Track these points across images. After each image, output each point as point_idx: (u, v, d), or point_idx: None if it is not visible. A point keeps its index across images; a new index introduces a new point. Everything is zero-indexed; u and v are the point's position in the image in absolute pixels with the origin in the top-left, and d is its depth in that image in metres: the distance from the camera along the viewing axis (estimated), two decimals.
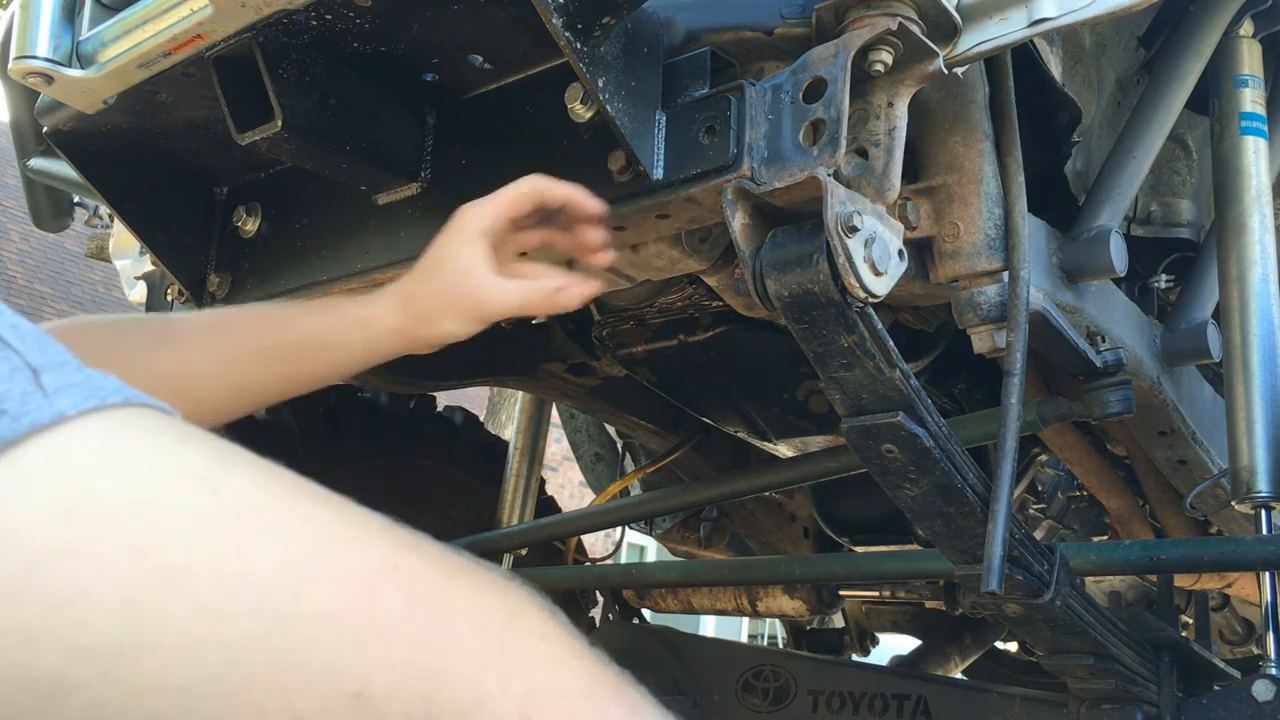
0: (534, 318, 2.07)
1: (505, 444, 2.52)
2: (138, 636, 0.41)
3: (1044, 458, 2.10)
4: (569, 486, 10.48)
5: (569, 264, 1.16)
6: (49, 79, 1.16)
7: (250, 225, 1.44)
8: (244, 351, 1.06)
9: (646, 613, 2.48)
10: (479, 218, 1.06)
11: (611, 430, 2.71)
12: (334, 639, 0.44)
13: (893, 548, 2.24)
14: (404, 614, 0.46)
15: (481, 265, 1.05)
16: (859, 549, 2.32)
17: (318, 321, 1.08)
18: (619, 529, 2.58)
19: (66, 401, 0.43)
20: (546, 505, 2.65)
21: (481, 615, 0.48)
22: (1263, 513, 1.38)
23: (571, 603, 2.64)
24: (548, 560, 2.52)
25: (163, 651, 0.41)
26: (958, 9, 0.99)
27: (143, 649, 0.41)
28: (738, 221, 0.97)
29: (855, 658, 2.85)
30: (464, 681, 0.45)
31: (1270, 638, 1.33)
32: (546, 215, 1.09)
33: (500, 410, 6.44)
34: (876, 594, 2.42)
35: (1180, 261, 1.70)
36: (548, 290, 1.08)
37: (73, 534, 0.41)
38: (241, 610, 0.42)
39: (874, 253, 0.94)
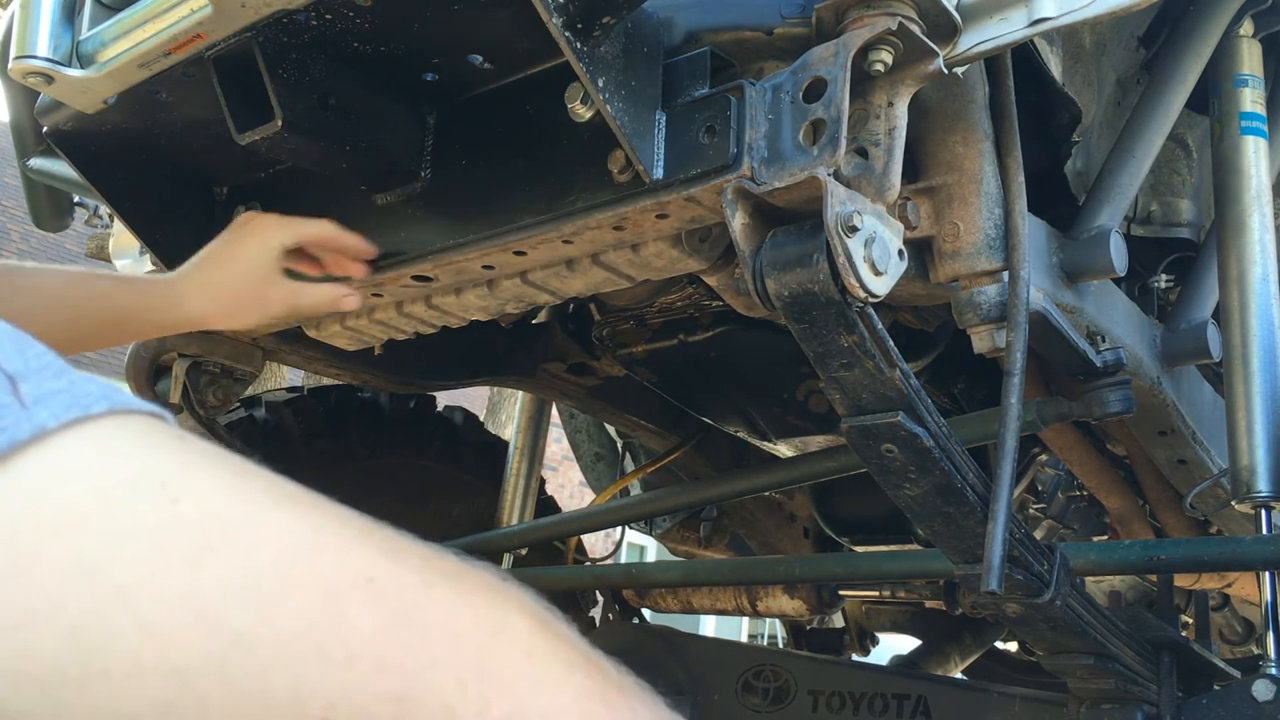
0: (534, 316, 2.07)
1: (505, 444, 2.52)
2: (85, 664, 0.38)
3: (1044, 458, 2.10)
4: (569, 486, 10.48)
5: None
6: (49, 79, 1.16)
7: None
8: (61, 317, 1.20)
9: (646, 613, 2.48)
10: (282, 234, 1.28)
11: (611, 430, 2.71)
12: (296, 664, 0.40)
13: (893, 548, 2.24)
14: (374, 633, 0.42)
15: (278, 271, 1.28)
16: (859, 549, 2.32)
17: (127, 298, 1.25)
18: (619, 529, 2.58)
19: (46, 413, 0.40)
20: (546, 505, 2.65)
21: (461, 631, 0.45)
22: (1263, 513, 1.38)
23: (571, 603, 2.64)
24: (548, 560, 2.52)
25: (112, 679, 0.38)
26: (958, 9, 0.99)
27: (91, 677, 0.38)
28: (738, 221, 0.97)
29: (855, 658, 2.85)
30: (438, 707, 0.42)
31: (1270, 638, 1.33)
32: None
33: (500, 410, 6.44)
34: (876, 594, 2.42)
35: (1180, 261, 1.70)
36: (340, 294, 1.32)
37: (15, 554, 0.38)
38: (196, 633, 0.39)
39: (874, 252, 0.94)
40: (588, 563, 2.69)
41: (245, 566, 0.41)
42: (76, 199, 2.00)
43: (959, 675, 2.69)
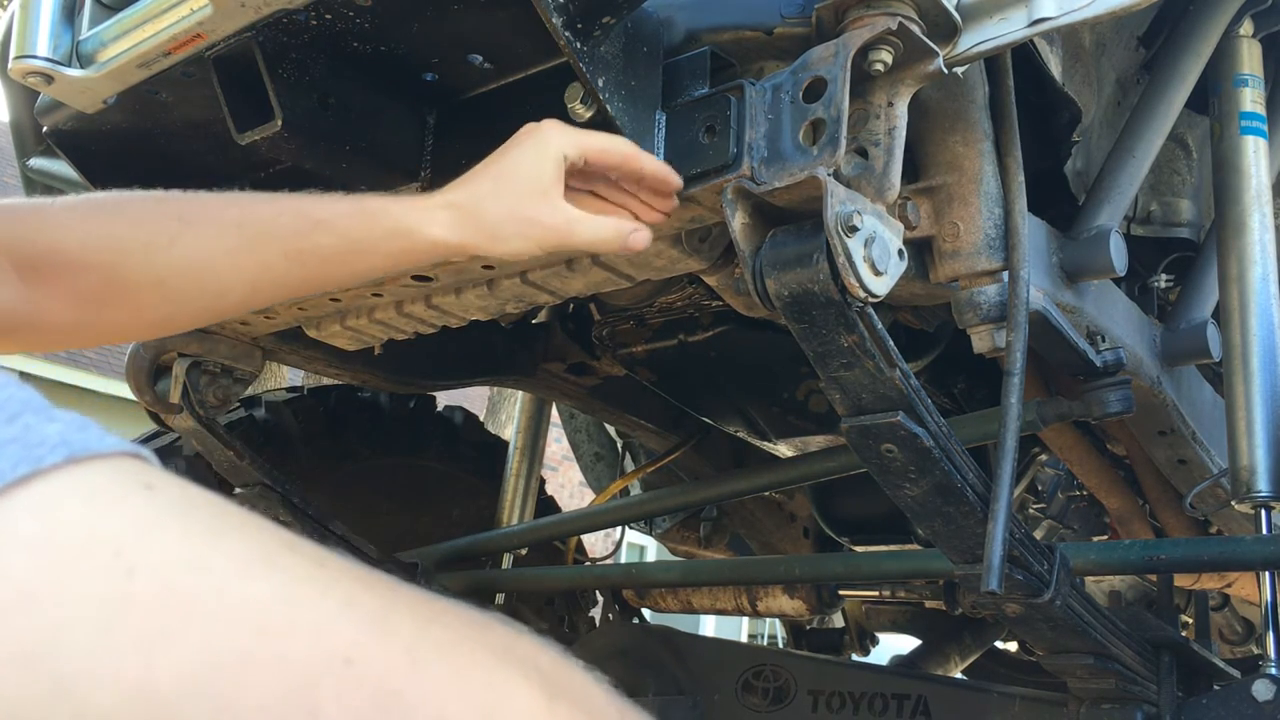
0: (534, 316, 2.07)
1: (505, 444, 2.52)
2: None
3: (1044, 458, 2.10)
4: (569, 486, 10.48)
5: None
6: (49, 79, 1.16)
7: None
8: (273, 253, 0.99)
9: (646, 613, 2.48)
10: (564, 141, 0.99)
11: (611, 430, 2.71)
12: None
13: (893, 548, 2.24)
14: None
15: (559, 190, 0.98)
16: (859, 549, 2.32)
17: (356, 227, 1.00)
18: (619, 529, 2.58)
19: None
20: (546, 505, 2.65)
21: (447, 713, 0.39)
22: (1263, 513, 1.38)
23: (571, 603, 2.64)
24: (548, 560, 2.52)
25: None
26: (958, 9, 0.99)
27: None
28: (738, 221, 0.97)
29: (855, 658, 2.85)
30: None
31: (1270, 637, 1.33)
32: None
33: (500, 410, 6.44)
34: (876, 594, 2.42)
35: (1180, 261, 1.70)
36: (626, 230, 1.01)
37: None
38: None
39: (874, 252, 0.94)
40: (588, 563, 2.69)
41: (204, 653, 0.36)
42: None
43: (959, 675, 2.69)
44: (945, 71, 1.00)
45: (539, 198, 0.98)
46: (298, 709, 0.36)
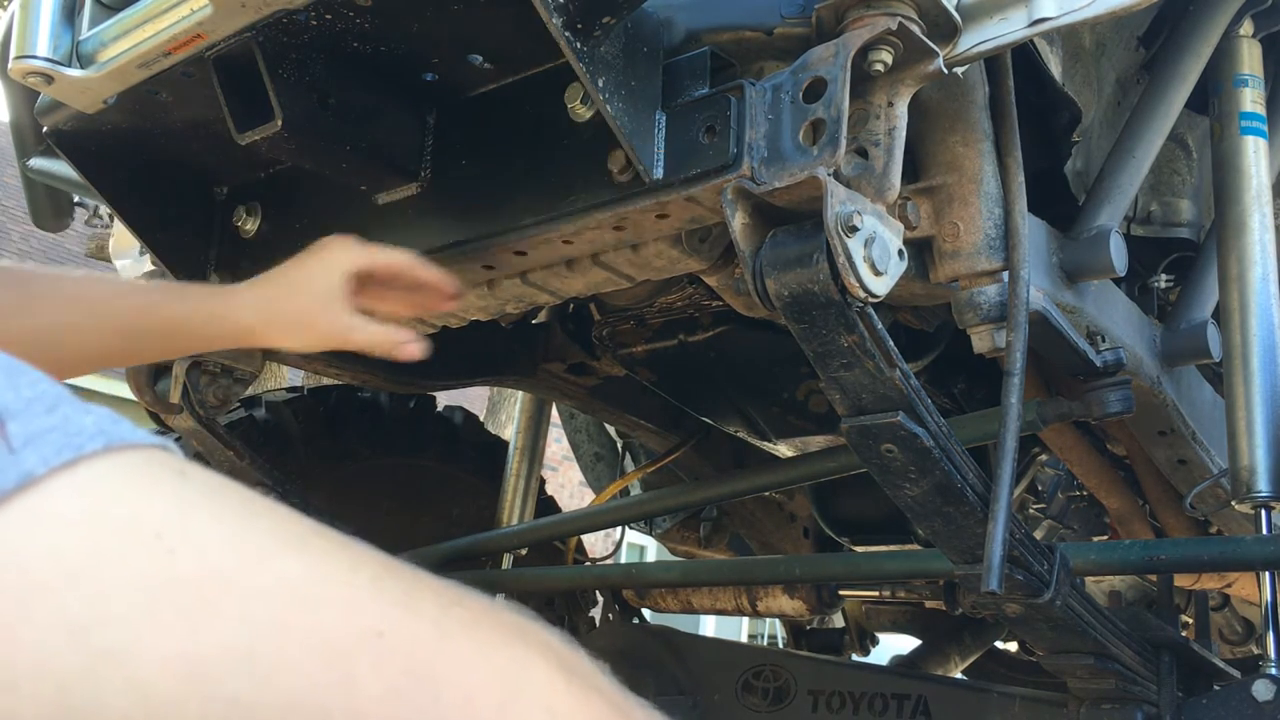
0: (534, 316, 2.07)
1: (505, 444, 2.52)
2: None
3: (1044, 458, 2.10)
4: (569, 486, 10.48)
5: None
6: (49, 79, 1.16)
7: (250, 225, 1.44)
8: (111, 329, 1.14)
9: (646, 613, 2.48)
10: (349, 259, 1.18)
11: (611, 430, 2.70)
12: None
13: (893, 548, 2.24)
14: (383, 697, 0.39)
15: (343, 298, 1.18)
16: (859, 549, 2.32)
17: (180, 310, 1.18)
18: (619, 529, 2.58)
19: (36, 457, 0.37)
20: (546, 505, 2.65)
21: (477, 693, 0.41)
22: (1263, 513, 1.38)
23: (571, 603, 2.64)
24: (548, 560, 2.52)
25: None
26: (958, 9, 0.99)
27: None
28: (738, 221, 0.97)
29: (855, 658, 2.85)
30: None
31: (1270, 638, 1.33)
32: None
33: (500, 410, 6.44)
34: (876, 594, 2.42)
35: (1180, 261, 1.70)
36: (396, 339, 1.21)
37: (1, 612, 0.35)
38: (190, 699, 0.36)
39: (874, 252, 0.94)
40: (588, 563, 2.69)
41: (244, 625, 0.38)
42: (76, 199, 2.00)
43: (959, 675, 2.69)
44: (945, 71, 1.00)
45: (322, 307, 1.18)
46: (337, 679, 0.38)
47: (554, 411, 2.58)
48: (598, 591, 2.49)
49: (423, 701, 0.40)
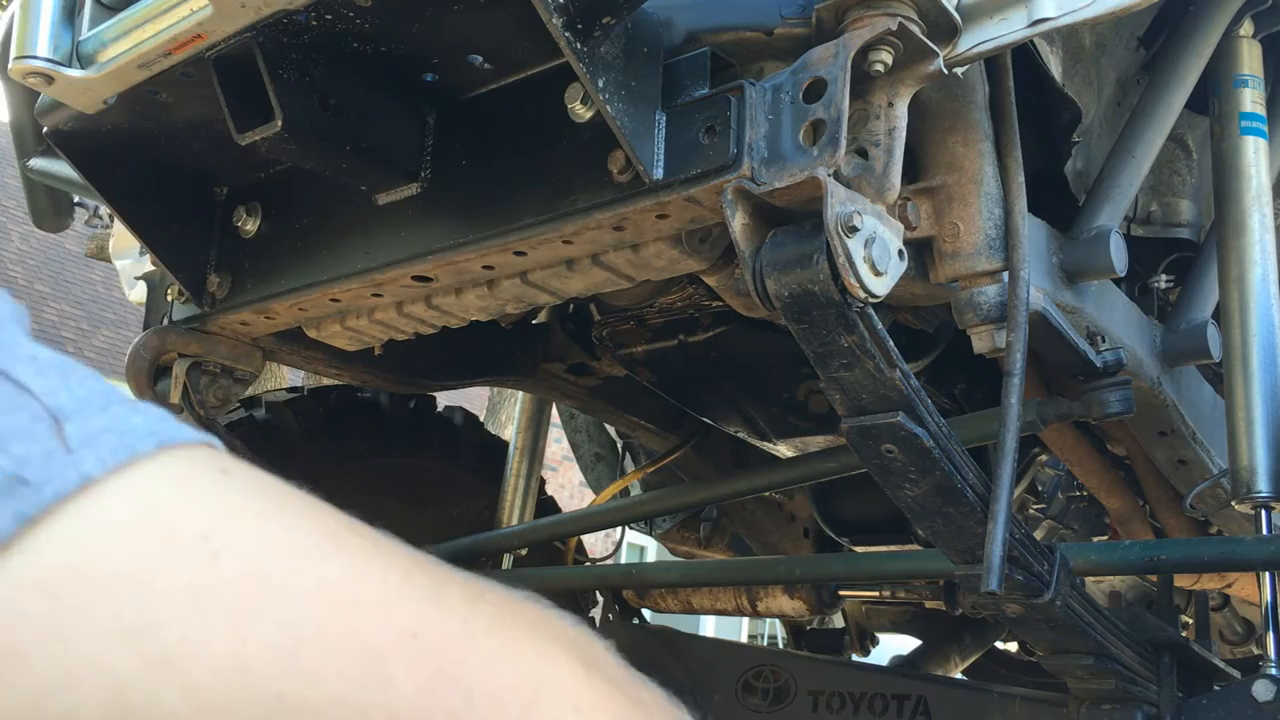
0: (534, 317, 2.07)
1: (505, 444, 2.52)
2: None
3: (1044, 458, 2.10)
4: (569, 486, 10.48)
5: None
6: (49, 79, 1.16)
7: (250, 225, 1.44)
8: None
9: (646, 613, 2.48)
10: None
11: (611, 430, 2.70)
12: None
13: (893, 548, 2.24)
14: (417, 694, 0.40)
15: None
16: (859, 549, 2.32)
17: None
18: (619, 529, 2.58)
19: (93, 459, 0.38)
20: (546, 505, 2.65)
21: (505, 689, 0.42)
22: (1263, 513, 1.38)
23: (571, 603, 2.64)
24: (548, 560, 2.51)
25: None
26: (958, 9, 0.99)
27: None
28: (738, 221, 0.97)
29: (855, 658, 2.85)
30: None
31: (1270, 638, 1.33)
32: None
33: (500, 410, 6.44)
34: (876, 594, 2.42)
35: (1180, 261, 1.70)
36: None
37: (59, 613, 0.36)
38: (240, 698, 0.38)
39: (874, 253, 0.94)
40: (588, 563, 2.69)
41: (288, 627, 0.40)
42: (76, 199, 2.00)
43: (959, 675, 2.69)
44: (945, 72, 1.00)
45: None
46: (374, 678, 0.40)
47: (554, 411, 2.58)
48: (598, 591, 2.49)
49: (454, 703, 0.41)
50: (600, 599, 2.47)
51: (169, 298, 1.54)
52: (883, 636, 2.98)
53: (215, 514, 0.41)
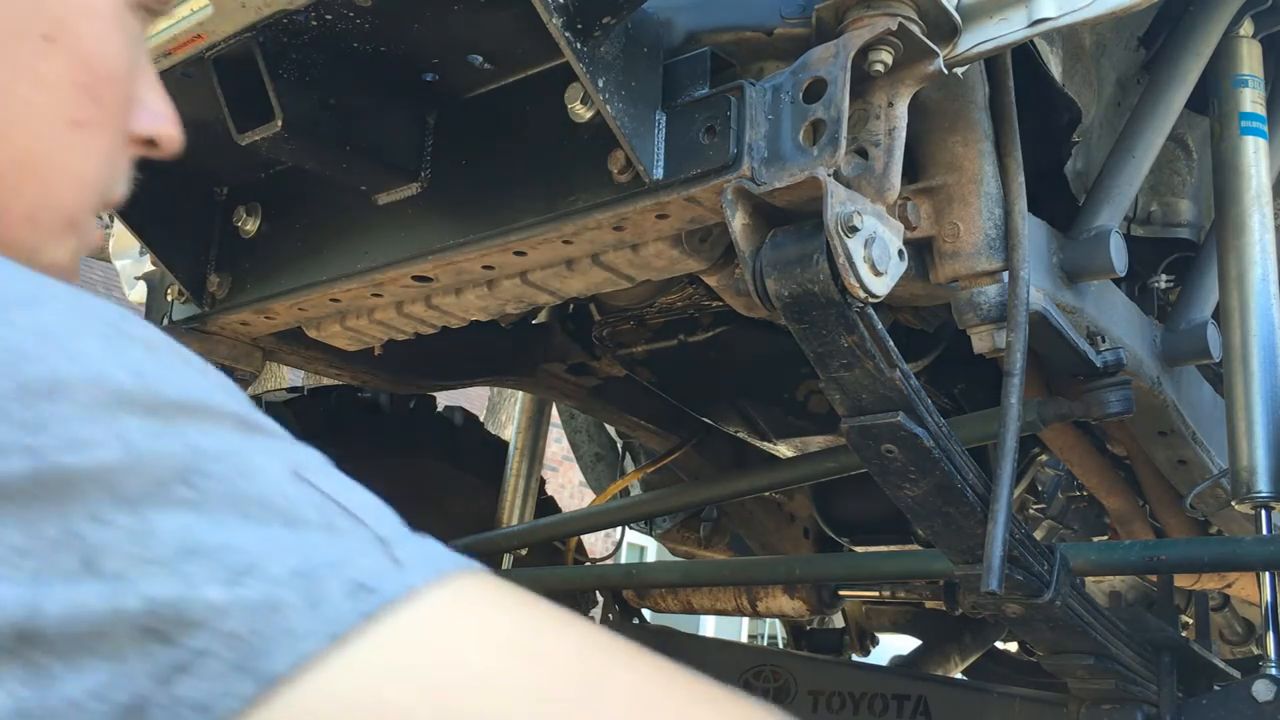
0: (534, 317, 2.07)
1: (505, 444, 2.52)
2: None
3: (1044, 458, 2.10)
4: (569, 486, 10.48)
5: None
6: None
7: (250, 225, 1.44)
8: None
9: (646, 613, 2.48)
10: None
11: (611, 430, 2.70)
12: None
13: (893, 548, 2.24)
14: None
15: None
16: (859, 549, 2.32)
17: None
18: (619, 529, 2.58)
19: (416, 575, 0.43)
20: (546, 505, 2.65)
21: None
22: (1263, 513, 1.38)
23: (571, 603, 2.64)
24: (548, 560, 2.51)
25: None
26: (958, 9, 0.99)
27: None
28: (738, 221, 0.97)
29: (855, 658, 2.85)
30: None
31: (1270, 638, 1.33)
32: None
33: (500, 410, 6.44)
34: (876, 594, 2.42)
35: (1180, 261, 1.70)
36: None
37: (438, 709, 0.40)
38: None
39: (874, 253, 0.94)
40: (588, 563, 2.69)
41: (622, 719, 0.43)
42: None
43: (959, 675, 2.69)
44: (945, 72, 1.00)
45: None
46: None
47: (554, 411, 2.58)
48: (598, 591, 2.49)
49: None
50: (600, 599, 2.47)
51: (169, 298, 1.54)
52: (883, 636, 2.98)
53: (535, 624, 0.45)
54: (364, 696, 0.39)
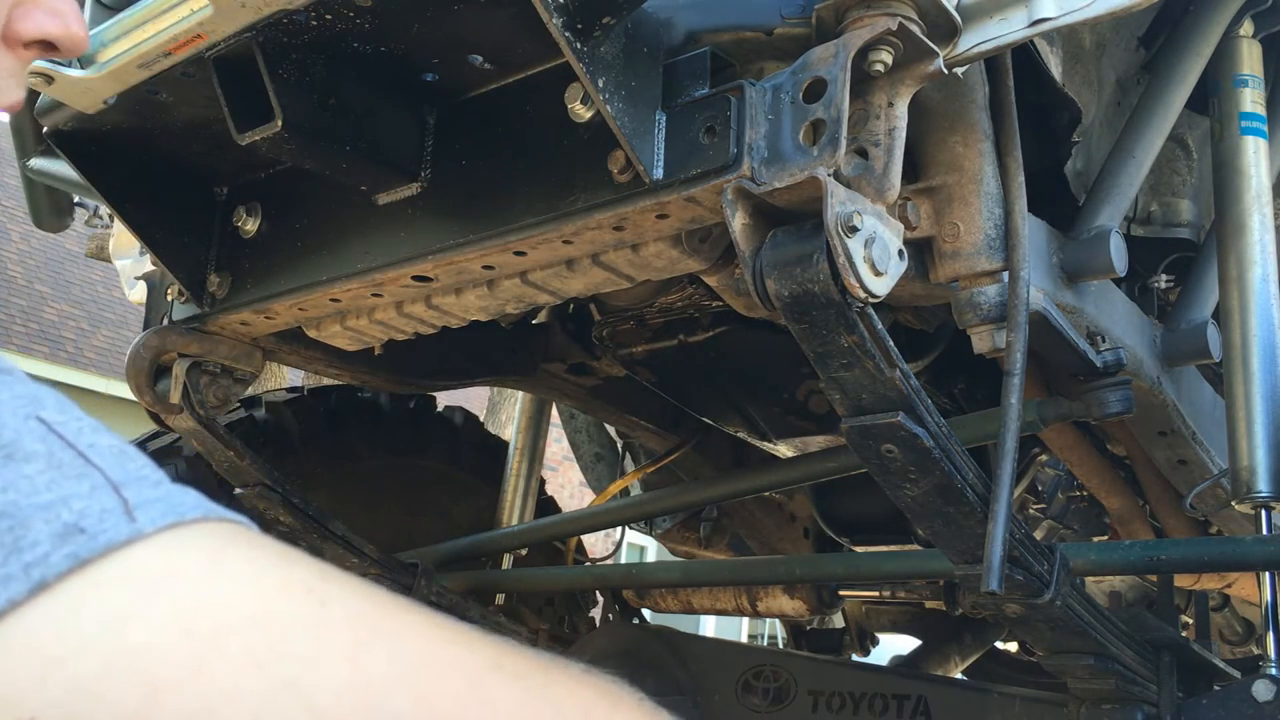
0: (534, 317, 2.07)
1: (505, 444, 2.52)
2: None
3: (1044, 458, 2.10)
4: (569, 486, 10.48)
5: None
6: (49, 79, 1.16)
7: (250, 225, 1.44)
8: None
9: (646, 613, 2.48)
10: None
11: (611, 430, 2.70)
12: None
13: (893, 548, 2.24)
14: (516, 709, 0.46)
15: None
16: (859, 549, 2.32)
17: None
18: (619, 529, 2.58)
19: (145, 519, 0.43)
20: (546, 505, 2.65)
21: (587, 706, 0.48)
22: (1263, 513, 1.38)
23: (571, 603, 2.64)
24: (548, 560, 2.52)
25: None
26: (958, 9, 0.99)
27: None
28: (738, 221, 0.97)
29: (855, 658, 2.85)
30: None
31: (1270, 638, 1.33)
32: None
33: (500, 410, 6.44)
34: (876, 594, 2.42)
35: (1180, 261, 1.70)
36: None
37: (195, 650, 0.40)
38: (362, 718, 0.42)
39: (874, 253, 0.94)
40: (588, 563, 2.69)
41: (395, 657, 0.44)
42: (76, 199, 2.00)
43: (959, 675, 2.69)
44: (945, 72, 1.00)
45: None
46: (477, 696, 0.45)
47: (554, 411, 2.58)
48: (598, 592, 2.49)
49: (548, 712, 0.47)
50: (600, 599, 2.47)
51: (169, 298, 1.55)
52: (883, 636, 2.98)
53: (309, 571, 0.46)
54: (60, 650, 0.39)
